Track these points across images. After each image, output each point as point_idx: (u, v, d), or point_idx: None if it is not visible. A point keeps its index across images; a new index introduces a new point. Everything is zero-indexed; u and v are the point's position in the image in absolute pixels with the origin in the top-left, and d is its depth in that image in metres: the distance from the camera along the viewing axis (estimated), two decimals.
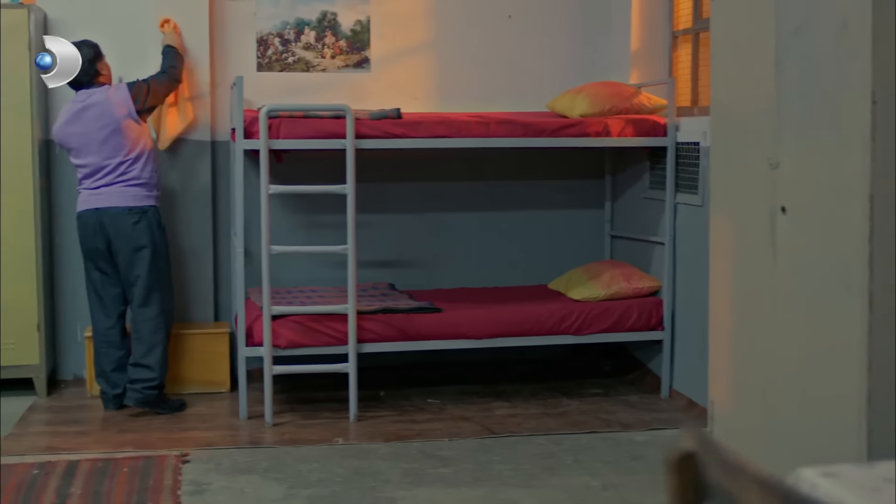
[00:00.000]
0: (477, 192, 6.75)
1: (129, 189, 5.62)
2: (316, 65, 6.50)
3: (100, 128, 5.59)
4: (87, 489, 4.61)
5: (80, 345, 6.39)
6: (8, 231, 5.95)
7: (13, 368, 6.05)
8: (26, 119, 5.92)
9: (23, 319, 6.01)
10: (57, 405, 5.98)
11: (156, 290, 5.70)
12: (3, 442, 5.27)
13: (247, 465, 4.95)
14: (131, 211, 5.62)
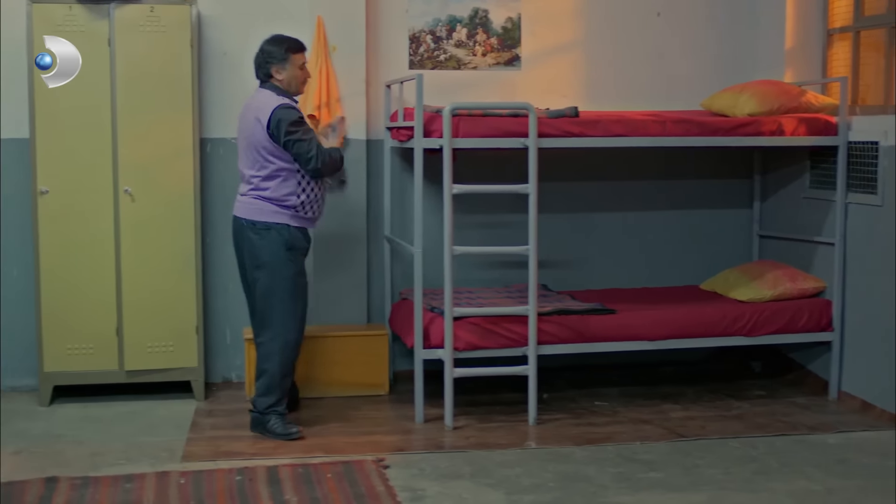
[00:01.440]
0: (621, 192, 6.67)
1: (258, 202, 5.23)
2: (467, 62, 6.41)
3: (248, 135, 5.31)
4: (302, 496, 4.51)
5: (230, 347, 6.30)
6: (169, 231, 5.84)
7: (171, 371, 5.94)
8: (188, 116, 5.81)
9: (181, 321, 5.90)
10: (220, 408, 5.86)
11: (271, 314, 5.26)
12: (186, 447, 5.17)
13: (449, 469, 4.85)
14: (255, 225, 5.23)
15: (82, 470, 4.82)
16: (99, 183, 5.76)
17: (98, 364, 5.86)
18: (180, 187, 5.83)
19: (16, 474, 4.77)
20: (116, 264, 5.81)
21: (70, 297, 5.80)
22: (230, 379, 6.34)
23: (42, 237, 5.75)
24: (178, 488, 4.60)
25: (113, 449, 5.13)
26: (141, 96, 5.75)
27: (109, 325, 5.84)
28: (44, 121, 5.69)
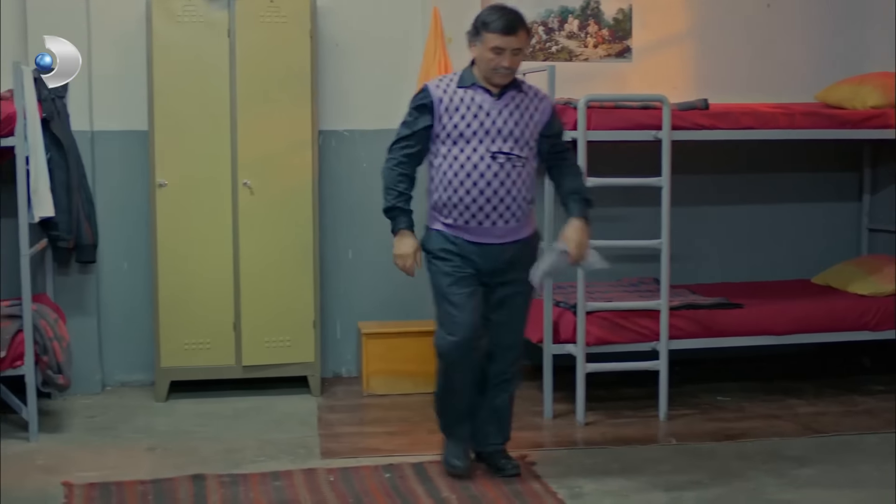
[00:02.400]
0: (726, 185, 6.61)
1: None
2: (578, 54, 6.34)
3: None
4: (459, 493, 4.44)
5: (340, 342, 6.22)
6: (287, 225, 5.77)
7: (288, 366, 5.87)
8: (307, 108, 5.73)
9: (299, 316, 5.83)
10: (340, 404, 5.79)
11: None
12: (322, 444, 5.10)
13: (597, 466, 4.79)
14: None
15: (224, 467, 4.75)
16: (217, 176, 5.69)
17: (215, 359, 5.79)
18: (299, 180, 5.75)
19: (158, 471, 4.70)
20: (234, 258, 5.73)
21: (187, 292, 5.72)
22: (340, 374, 6.26)
23: (160, 231, 5.67)
24: (330, 486, 4.53)
25: (247, 445, 5.06)
26: (260, 88, 5.67)
27: (227, 319, 5.77)
28: (162, 113, 5.62)
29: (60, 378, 5.19)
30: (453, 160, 4.36)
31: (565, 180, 4.55)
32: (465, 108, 4.35)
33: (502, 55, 4.31)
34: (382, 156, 6.06)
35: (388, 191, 4.43)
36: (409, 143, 4.42)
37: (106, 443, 5.13)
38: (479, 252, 4.39)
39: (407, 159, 4.42)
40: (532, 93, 4.46)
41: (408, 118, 4.47)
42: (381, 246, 6.13)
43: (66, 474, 4.66)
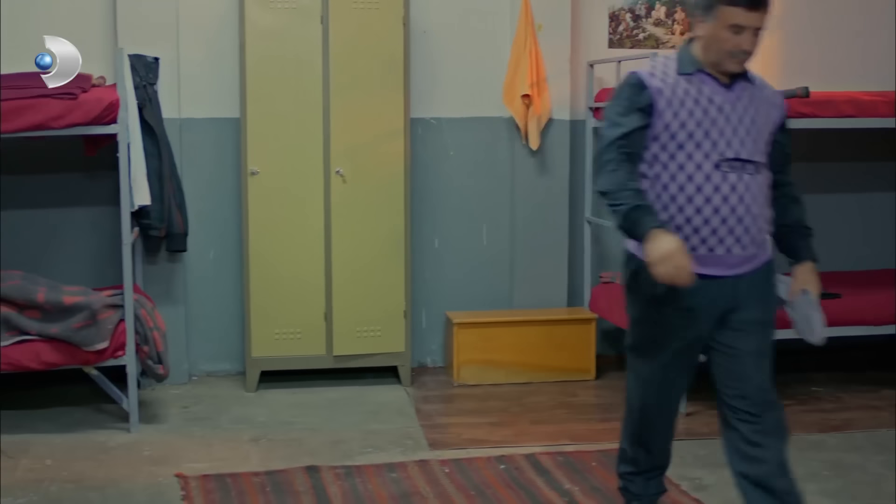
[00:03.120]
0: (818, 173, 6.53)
1: None
2: (665, 41, 6.28)
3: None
4: (580, 485, 4.41)
5: (426, 331, 6.17)
6: (379, 214, 5.71)
7: (378, 356, 5.82)
8: (399, 95, 5.67)
9: (390, 306, 5.78)
10: (433, 395, 5.74)
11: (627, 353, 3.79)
12: (427, 435, 5.06)
13: (711, 457, 4.71)
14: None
15: (334, 458, 4.71)
16: (310, 164, 5.63)
17: (306, 349, 5.74)
18: (391, 168, 5.69)
19: (268, 463, 4.66)
20: (326, 247, 5.68)
21: (278, 281, 5.67)
22: (426, 364, 6.21)
23: (251, 219, 5.62)
24: (447, 477, 4.49)
25: (351, 436, 5.02)
26: (353, 75, 5.61)
27: (318, 309, 5.72)
28: (255, 100, 5.55)
29: (160, 368, 5.14)
30: (678, 169, 3.36)
31: (789, 205, 3.59)
32: (691, 103, 3.36)
33: (742, 35, 3.31)
34: (469, 144, 6.13)
35: (617, 194, 3.32)
36: (626, 144, 3.37)
37: (208, 434, 5.09)
38: (705, 288, 3.37)
39: (627, 157, 3.36)
40: (762, 84, 3.52)
41: (617, 116, 3.41)
42: (466, 235, 6.13)
43: (176, 466, 4.62)
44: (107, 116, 4.92)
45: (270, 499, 4.26)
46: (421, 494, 4.30)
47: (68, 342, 4.94)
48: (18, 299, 4.98)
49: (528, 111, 5.90)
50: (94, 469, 4.60)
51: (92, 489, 4.36)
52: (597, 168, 3.43)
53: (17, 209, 5.72)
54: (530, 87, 5.84)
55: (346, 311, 5.72)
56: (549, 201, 6.10)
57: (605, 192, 3.37)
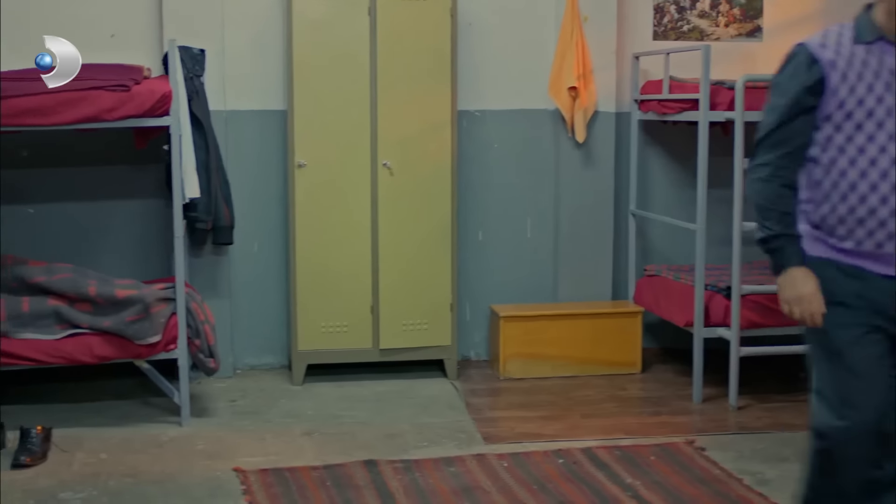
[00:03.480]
0: None
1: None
2: (710, 33, 6.25)
3: None
4: (643, 479, 4.38)
5: (469, 324, 6.14)
6: (425, 206, 5.68)
7: (424, 350, 5.79)
8: (446, 87, 5.63)
9: (436, 299, 5.75)
10: (481, 388, 5.72)
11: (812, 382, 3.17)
12: (480, 429, 5.03)
13: (769, 452, 4.72)
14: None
15: (390, 452, 4.69)
16: (357, 156, 5.60)
17: (352, 342, 5.71)
18: (438, 161, 5.66)
19: (324, 457, 4.64)
20: (373, 240, 5.65)
21: (325, 274, 5.64)
22: (469, 357, 6.18)
23: (298, 212, 5.59)
24: (507, 471, 4.47)
25: (404, 430, 5.00)
26: (401, 67, 5.58)
27: (364, 302, 5.69)
28: (303, 92, 5.52)
29: (211, 361, 5.12)
30: (857, 153, 2.95)
31: None
32: (871, 76, 2.94)
33: None
34: (514, 136, 6.10)
35: (765, 212, 3.04)
36: (784, 135, 3.01)
37: (259, 427, 5.06)
38: (893, 290, 3.01)
39: (786, 162, 3.02)
40: None
41: (778, 98, 3.03)
42: (510, 228, 6.11)
43: (231, 460, 4.60)
44: (159, 108, 4.89)
45: (332, 493, 4.23)
46: (483, 489, 4.28)
47: (121, 335, 4.91)
48: (69, 292, 4.96)
49: (574, 103, 5.87)
50: (149, 463, 4.58)
51: (150, 483, 4.34)
52: (751, 160, 3.10)
53: (63, 202, 5.70)
54: (577, 80, 5.81)
55: (393, 304, 5.69)
56: (594, 194, 6.07)
57: (755, 204, 3.08)
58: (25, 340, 4.87)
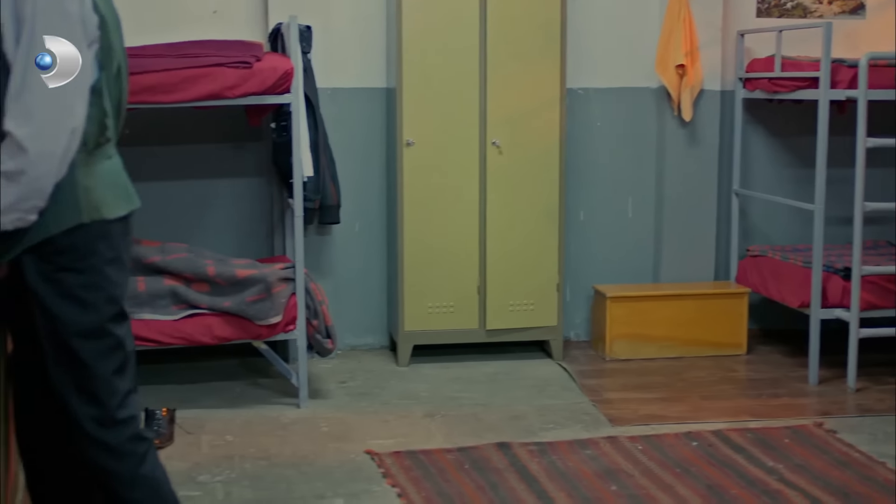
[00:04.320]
0: None
1: None
2: (813, 10, 6.16)
3: None
4: (782, 461, 4.32)
5: (569, 305, 6.07)
6: (533, 186, 5.60)
7: (530, 330, 5.73)
8: (556, 64, 5.55)
9: (543, 279, 5.68)
10: (590, 369, 5.65)
11: None
12: (603, 411, 4.97)
13: None
14: None
15: (519, 434, 4.63)
16: (465, 134, 5.52)
17: (458, 323, 5.65)
18: (547, 140, 5.58)
19: (454, 439, 4.58)
20: (481, 220, 5.58)
21: (432, 254, 5.57)
22: (569, 337, 6.11)
23: (406, 191, 5.51)
24: (644, 454, 4.41)
25: (526, 412, 4.94)
26: (511, 43, 5.49)
27: (471, 282, 5.62)
28: (411, 70, 5.44)
29: (329, 342, 5.05)
30: None
31: None
32: None
33: None
34: (618, 115, 6.03)
35: None
36: None
37: (378, 409, 5.00)
38: None
39: None
40: None
41: None
42: (611, 207, 6.05)
43: (360, 442, 4.55)
44: (281, 86, 4.82)
45: (473, 476, 4.18)
46: (625, 472, 4.22)
47: (241, 316, 4.85)
48: (186, 272, 4.89)
49: (681, 81, 5.79)
50: (278, 445, 4.53)
51: (286, 466, 4.29)
52: None
53: (165, 181, 5.62)
54: (685, 57, 5.73)
55: (500, 284, 5.63)
56: (699, 173, 6.00)
57: None
58: (144, 321, 4.80)
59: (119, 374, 2.59)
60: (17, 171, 2.39)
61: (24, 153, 2.38)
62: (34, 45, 2.39)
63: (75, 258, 2.52)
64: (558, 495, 4.00)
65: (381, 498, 4.00)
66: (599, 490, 4.05)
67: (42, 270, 2.52)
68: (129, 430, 2.63)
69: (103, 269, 2.55)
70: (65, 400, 2.57)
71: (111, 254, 2.57)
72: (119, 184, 2.64)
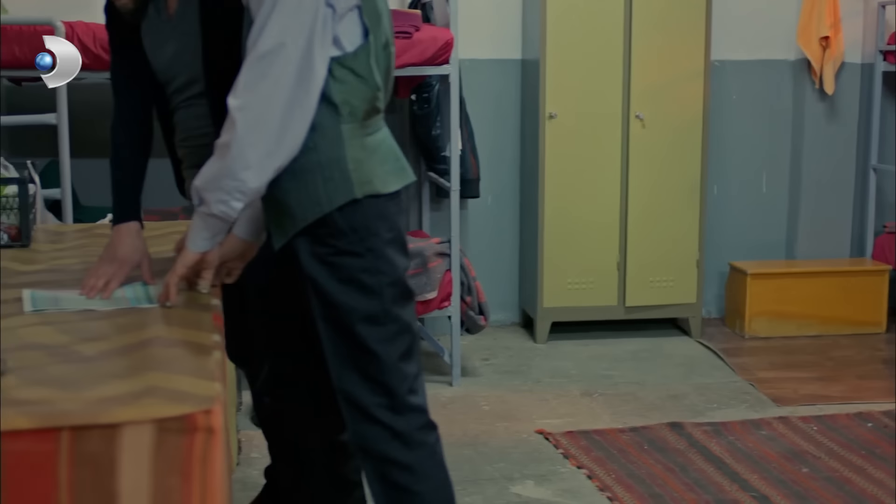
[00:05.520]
0: None
1: None
2: None
3: None
4: None
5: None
6: (675, 160, 5.49)
7: (669, 307, 5.63)
8: (700, 35, 5.43)
9: (682, 255, 5.58)
10: (730, 347, 5.55)
11: None
12: (763, 390, 4.88)
13: None
14: None
15: (684, 414, 4.55)
16: (608, 107, 5.41)
17: (597, 299, 5.55)
18: (689, 113, 5.47)
19: (622, 419, 4.50)
20: (622, 194, 5.47)
21: (572, 229, 5.47)
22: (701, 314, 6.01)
23: (548, 164, 5.40)
24: (822, 435, 4.31)
25: (683, 391, 4.85)
26: (656, 13, 5.37)
27: (611, 258, 5.52)
28: (555, 41, 5.32)
29: (482, 319, 4.96)
30: None
31: None
32: None
33: None
34: (752, 88, 5.92)
35: None
36: None
37: (533, 387, 4.92)
38: None
39: None
40: None
41: None
42: (745, 182, 5.94)
43: (526, 422, 4.47)
44: (440, 56, 4.71)
45: (656, 457, 4.09)
46: (810, 454, 4.13)
47: None
48: None
49: (824, 53, 5.66)
50: (445, 424, 4.28)
51: (461, 446, 4.20)
52: None
53: None
54: (829, 28, 5.60)
55: (640, 260, 5.53)
56: (837, 148, 5.88)
57: None
58: None
59: (406, 359, 2.48)
60: (225, 144, 2.27)
61: (233, 126, 2.25)
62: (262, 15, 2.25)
63: (354, 240, 2.37)
64: (751, 477, 3.91)
65: (570, 479, 3.92)
66: (791, 472, 3.96)
67: (318, 254, 2.39)
68: (421, 418, 2.52)
69: (384, 251, 2.41)
70: (346, 388, 2.46)
71: (390, 234, 2.43)
72: (390, 157, 2.48)
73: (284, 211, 2.39)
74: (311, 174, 2.36)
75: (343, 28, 2.35)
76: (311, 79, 2.29)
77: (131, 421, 1.79)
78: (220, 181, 2.29)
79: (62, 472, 1.78)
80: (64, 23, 4.34)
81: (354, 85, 2.37)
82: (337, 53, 2.34)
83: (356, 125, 2.38)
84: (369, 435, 2.47)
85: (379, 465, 2.48)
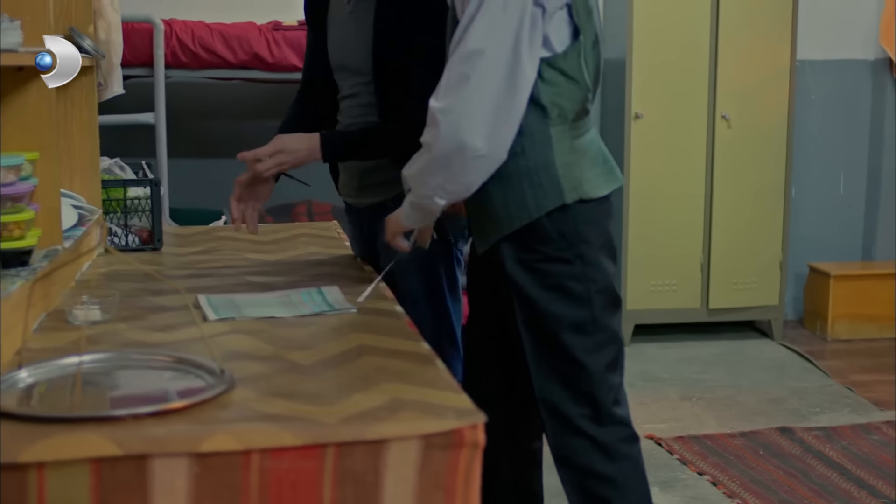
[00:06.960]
0: None
1: None
2: None
3: None
4: None
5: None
6: (760, 160, 5.43)
7: (751, 310, 5.57)
8: (787, 34, 5.37)
9: (766, 257, 5.52)
10: (815, 350, 5.49)
11: None
12: (862, 394, 4.82)
13: None
14: None
15: (789, 419, 4.48)
16: (695, 108, 5.35)
17: (680, 301, 5.49)
18: (775, 113, 5.41)
19: (729, 423, 4.43)
20: (707, 195, 5.41)
21: (657, 230, 5.41)
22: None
23: (633, 165, 5.34)
24: None
25: (782, 395, 4.79)
26: (743, 12, 5.31)
27: (695, 259, 5.46)
28: (641, 41, 5.26)
29: None
30: None
31: None
32: None
33: None
34: (831, 88, 5.85)
35: None
36: None
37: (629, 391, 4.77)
38: None
39: None
40: None
41: None
42: (823, 183, 5.88)
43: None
44: None
45: (774, 462, 4.03)
46: None
47: None
48: None
49: None
50: None
51: None
52: None
53: None
54: None
55: (724, 262, 5.47)
56: None
57: None
58: None
59: (612, 369, 2.41)
60: (427, 144, 2.22)
61: (436, 127, 2.18)
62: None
63: (563, 246, 2.30)
64: (877, 483, 3.85)
65: (694, 486, 3.85)
66: None
67: (524, 260, 2.31)
68: (625, 430, 2.45)
69: (595, 258, 2.34)
70: (549, 398, 2.38)
71: (600, 240, 2.36)
72: (599, 159, 2.40)
73: (489, 216, 2.32)
74: (519, 179, 2.28)
75: (552, 27, 2.26)
76: (520, 82, 2.20)
77: (398, 437, 1.71)
78: (425, 177, 2.24)
79: (326, 491, 1.70)
80: (163, 21, 4.26)
81: (564, 86, 2.29)
82: (546, 54, 2.26)
83: (565, 127, 2.31)
84: (572, 446, 2.39)
85: (581, 478, 2.41)
